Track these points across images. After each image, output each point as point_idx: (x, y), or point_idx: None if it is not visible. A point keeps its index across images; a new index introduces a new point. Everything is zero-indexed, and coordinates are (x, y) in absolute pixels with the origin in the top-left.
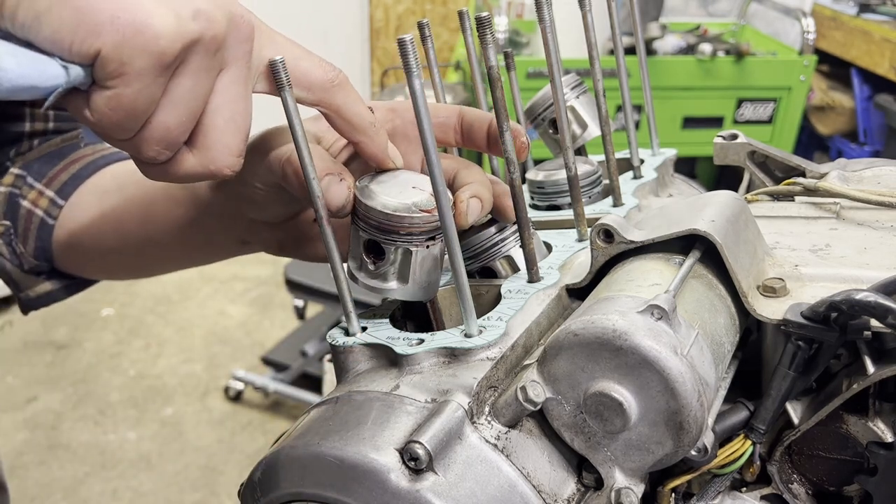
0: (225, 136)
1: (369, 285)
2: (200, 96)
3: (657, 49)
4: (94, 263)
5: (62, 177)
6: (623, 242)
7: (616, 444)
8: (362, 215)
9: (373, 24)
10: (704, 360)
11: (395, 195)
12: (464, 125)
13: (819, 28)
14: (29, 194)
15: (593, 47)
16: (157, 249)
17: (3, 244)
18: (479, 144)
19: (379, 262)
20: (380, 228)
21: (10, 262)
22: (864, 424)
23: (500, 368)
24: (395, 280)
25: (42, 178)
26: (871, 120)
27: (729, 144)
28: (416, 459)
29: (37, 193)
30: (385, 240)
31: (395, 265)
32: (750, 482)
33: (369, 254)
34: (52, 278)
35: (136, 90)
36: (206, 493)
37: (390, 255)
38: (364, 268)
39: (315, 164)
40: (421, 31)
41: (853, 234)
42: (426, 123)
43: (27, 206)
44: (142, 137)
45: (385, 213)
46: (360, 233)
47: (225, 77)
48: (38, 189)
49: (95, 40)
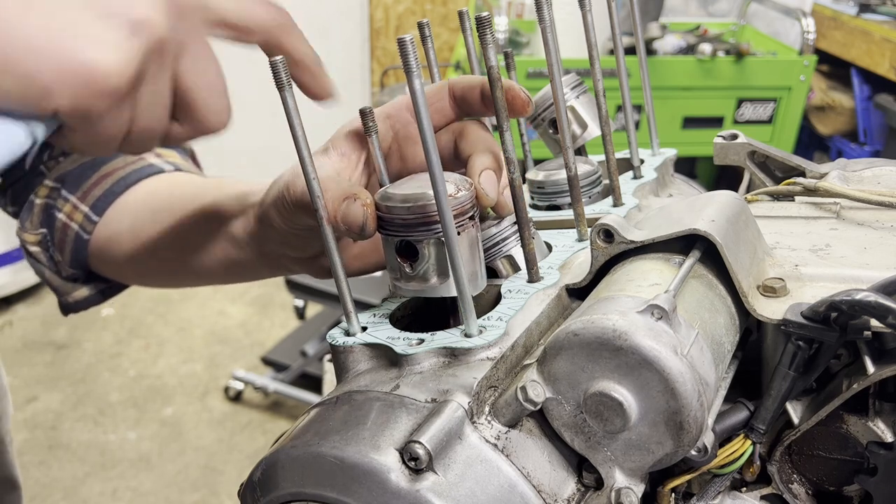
0: (207, 103)
1: (412, 290)
2: (167, 91)
3: (657, 49)
4: (130, 276)
5: (95, 192)
6: (623, 242)
7: (616, 444)
8: (387, 220)
9: (373, 24)
10: (704, 360)
11: (414, 189)
12: (457, 99)
13: (819, 28)
14: (64, 207)
15: (593, 47)
16: (194, 277)
17: (42, 251)
18: (476, 110)
19: (415, 264)
20: (406, 225)
21: (48, 269)
22: (865, 424)
23: (500, 368)
24: (436, 277)
25: (76, 190)
26: (871, 120)
27: (729, 144)
28: (416, 459)
29: (71, 207)
30: (414, 235)
31: (432, 260)
32: (750, 482)
33: (405, 259)
34: (88, 283)
35: (104, 124)
36: (206, 493)
37: (424, 252)
38: (403, 274)
39: (331, 188)
40: (421, 31)
41: (853, 234)
42: (426, 123)
43: (63, 218)
44: (128, 143)
45: (407, 207)
46: (389, 240)
47: (186, 56)
48: (72, 202)
49: (49, 102)
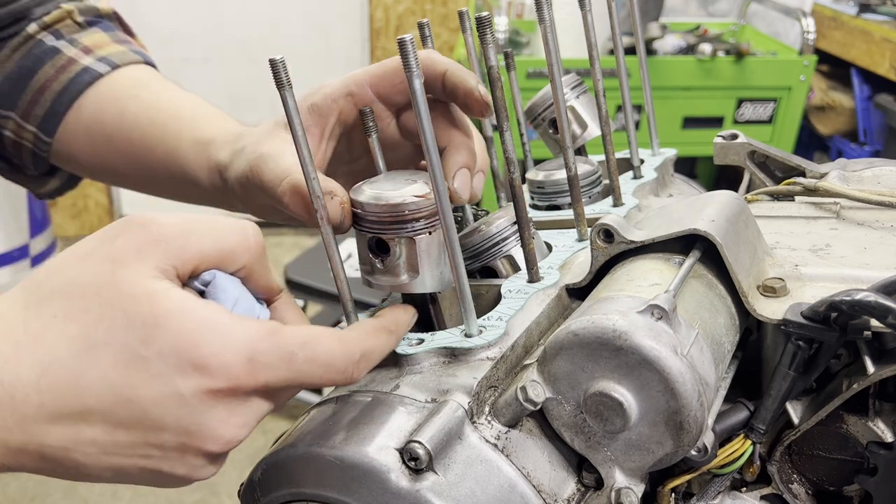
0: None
1: (382, 283)
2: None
3: (657, 49)
4: (100, 181)
5: (37, 111)
6: (623, 242)
7: (616, 444)
8: (360, 216)
9: (373, 24)
10: (704, 359)
11: (387, 189)
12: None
13: (819, 28)
14: (7, 124)
15: (593, 47)
16: (157, 190)
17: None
18: (438, 96)
19: (386, 259)
20: (379, 222)
21: (12, 174)
22: (864, 424)
23: (500, 368)
24: (406, 273)
25: (13, 107)
26: (871, 120)
27: (729, 144)
28: (416, 459)
29: (15, 125)
30: (386, 233)
31: (402, 258)
32: (750, 482)
33: (376, 254)
34: (54, 174)
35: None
36: (207, 493)
37: (395, 249)
38: (374, 268)
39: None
40: (421, 31)
41: (853, 234)
42: (426, 123)
43: (10, 136)
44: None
45: (380, 205)
46: (362, 234)
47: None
48: (15, 120)
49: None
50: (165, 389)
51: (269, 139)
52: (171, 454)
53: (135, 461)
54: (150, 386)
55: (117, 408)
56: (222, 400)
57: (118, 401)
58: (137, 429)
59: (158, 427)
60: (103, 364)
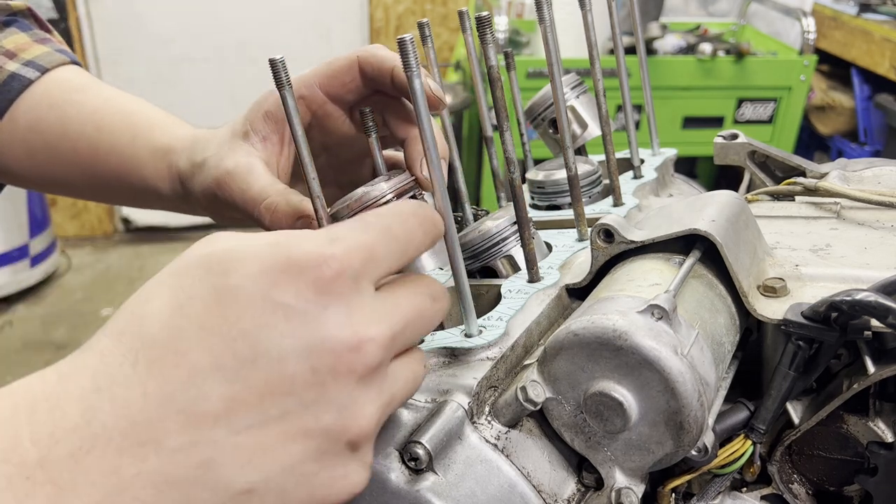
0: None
1: None
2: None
3: (657, 49)
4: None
5: None
6: (623, 242)
7: (616, 444)
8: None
9: (373, 24)
10: (704, 360)
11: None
12: (367, 78)
13: (819, 28)
14: None
15: (593, 47)
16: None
17: None
18: (388, 93)
19: None
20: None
21: None
22: (865, 424)
23: (500, 368)
24: None
25: None
26: (872, 120)
27: (729, 144)
28: (416, 459)
29: None
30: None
31: None
32: (750, 482)
33: None
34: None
35: None
36: None
37: None
38: None
39: (282, 208)
40: (421, 31)
41: (853, 234)
42: (426, 123)
43: None
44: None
45: (347, 204)
46: None
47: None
48: None
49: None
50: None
51: (232, 153)
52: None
53: (274, 435)
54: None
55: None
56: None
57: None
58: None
59: (280, 358)
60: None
